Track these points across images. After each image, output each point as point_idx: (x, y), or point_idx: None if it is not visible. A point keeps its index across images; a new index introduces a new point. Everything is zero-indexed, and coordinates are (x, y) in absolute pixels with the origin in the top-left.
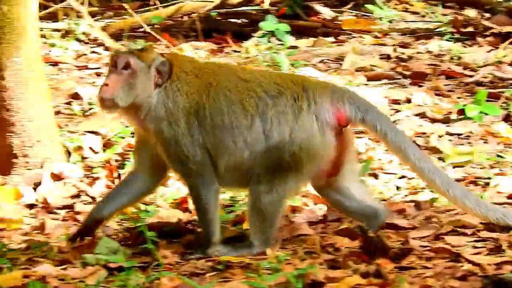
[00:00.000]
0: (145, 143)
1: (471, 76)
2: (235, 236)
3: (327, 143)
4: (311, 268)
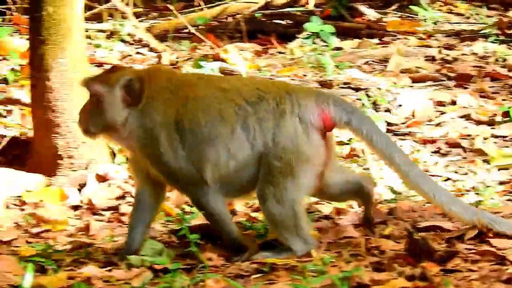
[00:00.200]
0: (138, 160)
1: None
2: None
3: (314, 144)
4: (357, 270)
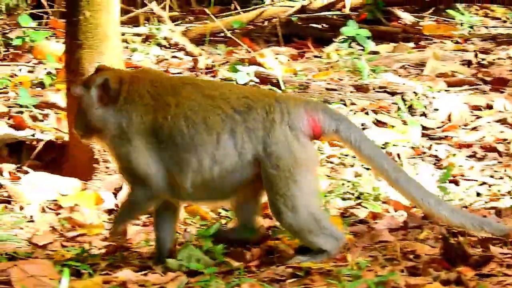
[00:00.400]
0: None
1: None
2: None
3: (307, 149)
4: (392, 275)
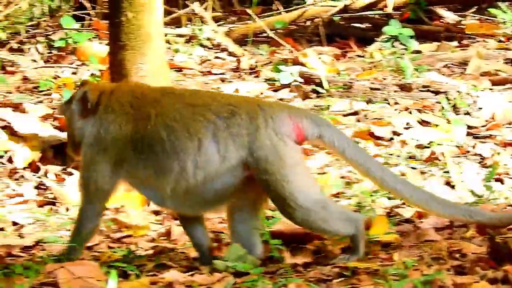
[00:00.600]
0: None
1: None
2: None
3: (294, 150)
4: (438, 274)
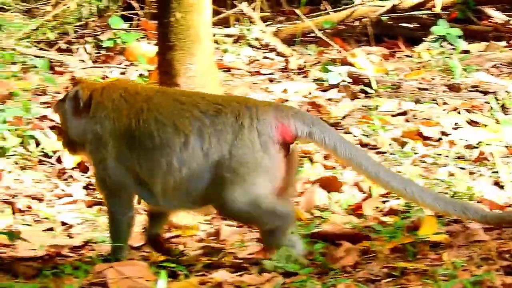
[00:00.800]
0: None
1: None
2: (410, 242)
3: (271, 157)
4: (488, 274)
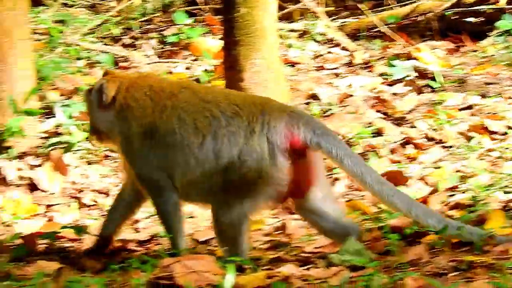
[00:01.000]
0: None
1: None
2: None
3: (278, 166)
4: None
